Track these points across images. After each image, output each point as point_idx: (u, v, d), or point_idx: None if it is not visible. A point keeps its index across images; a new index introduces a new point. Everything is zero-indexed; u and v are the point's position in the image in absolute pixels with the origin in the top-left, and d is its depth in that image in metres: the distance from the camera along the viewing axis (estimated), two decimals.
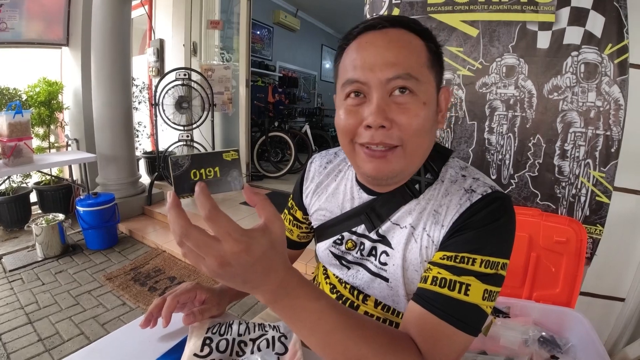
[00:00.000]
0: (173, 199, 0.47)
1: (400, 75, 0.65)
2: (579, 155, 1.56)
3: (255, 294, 0.51)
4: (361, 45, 0.69)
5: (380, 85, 0.66)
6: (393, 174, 0.70)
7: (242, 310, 2.42)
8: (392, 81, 0.66)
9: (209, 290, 0.87)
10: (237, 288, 0.50)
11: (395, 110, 0.66)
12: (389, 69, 0.65)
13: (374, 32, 0.69)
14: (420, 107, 0.67)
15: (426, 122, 0.68)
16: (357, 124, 0.69)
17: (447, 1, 1.66)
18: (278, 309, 0.52)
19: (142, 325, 0.78)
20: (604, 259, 1.68)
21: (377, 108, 0.66)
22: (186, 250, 0.47)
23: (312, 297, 0.53)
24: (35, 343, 2.04)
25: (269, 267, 0.49)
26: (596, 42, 1.50)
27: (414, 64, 0.66)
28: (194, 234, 0.45)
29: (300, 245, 1.07)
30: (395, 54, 0.66)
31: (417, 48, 0.68)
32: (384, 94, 0.67)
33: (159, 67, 5.08)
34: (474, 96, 1.70)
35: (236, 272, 0.47)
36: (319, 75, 9.79)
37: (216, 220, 0.45)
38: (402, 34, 0.68)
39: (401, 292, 0.76)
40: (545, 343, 1.36)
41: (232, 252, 0.45)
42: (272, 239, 0.49)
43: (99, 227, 3.23)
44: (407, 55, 0.66)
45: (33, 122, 3.66)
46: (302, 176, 0.99)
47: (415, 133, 0.67)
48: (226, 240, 0.45)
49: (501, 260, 0.66)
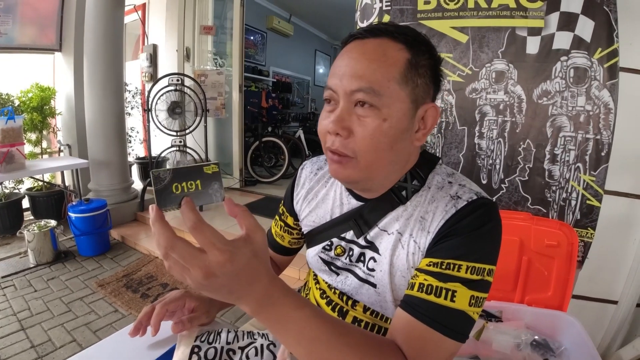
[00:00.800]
0: (156, 212, 0.47)
1: (361, 89, 0.66)
2: (569, 159, 1.58)
3: (240, 305, 0.51)
4: (342, 54, 0.72)
5: (345, 95, 0.68)
6: (350, 180, 0.73)
7: (235, 317, 2.41)
8: (355, 93, 0.67)
9: (198, 298, 0.87)
10: (223, 299, 0.50)
11: (356, 122, 0.68)
12: (354, 81, 0.67)
13: (355, 42, 0.71)
14: (378, 122, 0.67)
15: (384, 137, 0.68)
16: (326, 128, 0.71)
17: (437, 8, 1.68)
18: (263, 319, 0.52)
19: (132, 334, 0.78)
20: (595, 262, 1.68)
21: (336, 117, 0.69)
22: (171, 262, 0.47)
23: (296, 306, 0.53)
24: (28, 350, 2.02)
25: (253, 277, 0.49)
26: (586, 46, 1.52)
27: (380, 78, 0.66)
28: (179, 245, 0.46)
29: (292, 251, 1.07)
30: (364, 66, 0.67)
31: (391, 60, 0.68)
32: (349, 104, 0.69)
33: (152, 73, 5.06)
34: (464, 102, 1.71)
35: (221, 282, 0.47)
36: (313, 80, 9.83)
37: (200, 230, 0.46)
38: (380, 44, 0.69)
39: (388, 297, 0.76)
40: (538, 347, 1.36)
41: (217, 262, 0.45)
42: (255, 249, 0.49)
43: (91, 234, 3.20)
44: (375, 69, 0.67)
45: (25, 127, 3.64)
46: (293, 182, 1.00)
47: (369, 147, 0.68)
48: (210, 251, 0.45)
49: (487, 266, 0.66)
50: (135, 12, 4.96)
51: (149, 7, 5.11)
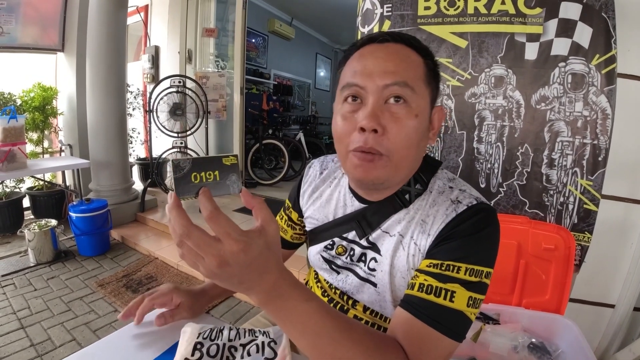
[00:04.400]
0: (174, 200, 0.48)
1: (397, 82, 0.68)
2: (566, 163, 1.59)
3: (250, 295, 0.52)
4: (363, 54, 0.73)
5: (377, 90, 0.69)
6: (378, 180, 0.72)
7: (234, 318, 2.41)
8: (389, 88, 0.68)
9: (185, 294, 0.89)
10: (232, 289, 0.51)
11: (388, 118, 0.69)
12: (387, 76, 0.68)
13: (376, 44, 0.73)
14: (411, 118, 0.69)
15: (415, 134, 0.70)
16: (352, 129, 0.71)
17: (437, 13, 1.70)
18: (270, 310, 0.54)
19: (122, 317, 0.84)
20: (593, 265, 1.70)
21: (371, 112, 0.68)
22: (185, 250, 0.48)
23: (303, 299, 0.54)
24: (27, 348, 2.03)
25: (264, 268, 0.50)
26: (583, 52, 1.53)
27: (411, 75, 0.69)
28: (195, 233, 0.47)
29: (293, 245, 1.09)
30: (395, 64, 0.69)
31: (415, 62, 0.71)
32: (380, 100, 0.69)
33: (153, 74, 5.08)
34: (463, 106, 1.73)
35: (233, 272, 0.48)
36: (314, 83, 9.83)
37: (217, 220, 0.47)
38: (402, 48, 0.72)
39: (388, 297, 0.78)
40: (535, 349, 1.37)
41: (231, 252, 0.46)
42: (268, 241, 0.50)
43: (91, 234, 3.21)
44: (405, 67, 0.69)
45: (27, 127, 3.65)
46: (300, 179, 1.02)
47: (402, 144, 0.69)
48: (226, 240, 0.47)
49: (485, 269, 0.67)
50: (137, 14, 4.98)
51: (151, 9, 5.12)
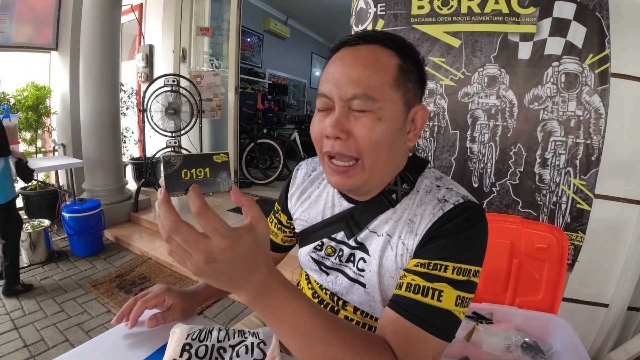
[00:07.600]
0: (164, 196, 0.48)
1: (357, 96, 0.68)
2: (559, 163, 1.59)
3: (238, 293, 0.52)
4: (334, 61, 0.73)
5: (341, 100, 0.70)
6: (354, 187, 0.74)
7: (228, 319, 2.41)
8: (351, 101, 0.69)
9: (178, 295, 0.90)
10: (221, 286, 0.50)
11: (353, 123, 0.70)
12: (350, 87, 0.69)
13: (347, 49, 0.73)
14: (374, 122, 0.69)
15: (383, 137, 0.70)
16: (323, 133, 0.72)
17: (430, 12, 1.69)
18: (259, 309, 0.53)
19: (115, 322, 0.84)
20: (586, 265, 1.70)
21: (335, 120, 0.70)
22: (173, 246, 0.48)
23: (292, 297, 0.54)
24: (21, 349, 2.02)
25: (253, 266, 0.50)
26: (577, 52, 1.54)
27: (375, 82, 0.68)
28: (183, 229, 0.47)
29: (284, 248, 1.08)
30: (358, 72, 0.69)
31: (384, 66, 0.70)
32: (345, 107, 0.70)
33: (147, 73, 5.06)
34: (456, 106, 1.73)
35: (221, 268, 0.48)
36: (309, 82, 9.82)
37: (205, 216, 0.46)
38: (373, 50, 0.71)
39: (377, 297, 0.78)
40: (529, 349, 1.38)
41: (219, 248, 0.46)
42: (257, 238, 0.50)
43: (84, 234, 3.20)
44: (369, 74, 0.69)
45: (20, 126, 3.64)
46: (288, 182, 1.02)
47: (370, 147, 0.70)
48: (213, 236, 0.46)
49: (473, 268, 0.67)
50: (132, 12, 4.96)
51: (145, 8, 5.11)
